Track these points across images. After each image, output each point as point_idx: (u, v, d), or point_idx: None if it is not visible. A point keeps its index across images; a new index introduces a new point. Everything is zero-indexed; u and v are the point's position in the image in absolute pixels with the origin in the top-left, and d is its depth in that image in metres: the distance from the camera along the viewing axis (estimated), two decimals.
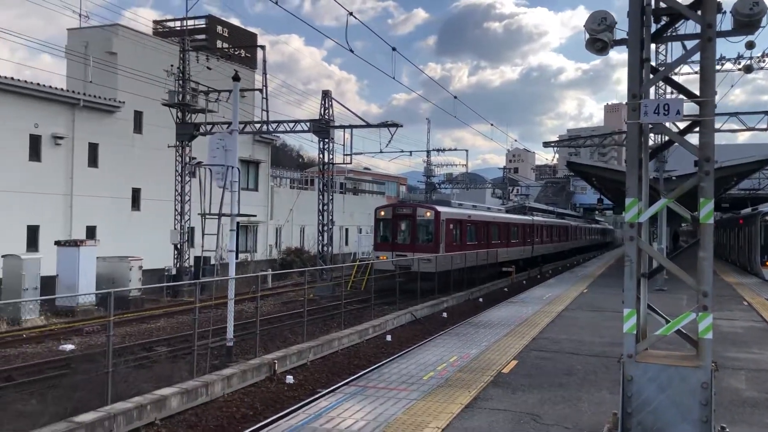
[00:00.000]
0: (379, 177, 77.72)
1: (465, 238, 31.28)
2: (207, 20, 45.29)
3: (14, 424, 9.24)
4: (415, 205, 30.33)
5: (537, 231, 46.36)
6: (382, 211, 29.81)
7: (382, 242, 29.34)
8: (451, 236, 29.49)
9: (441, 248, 27.94)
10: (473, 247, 31.67)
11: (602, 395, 9.28)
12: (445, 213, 28.99)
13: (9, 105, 26.80)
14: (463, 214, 31.94)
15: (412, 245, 28.03)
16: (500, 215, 39.42)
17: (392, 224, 29.12)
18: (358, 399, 9.00)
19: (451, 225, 29.37)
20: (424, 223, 28.57)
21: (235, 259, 14.70)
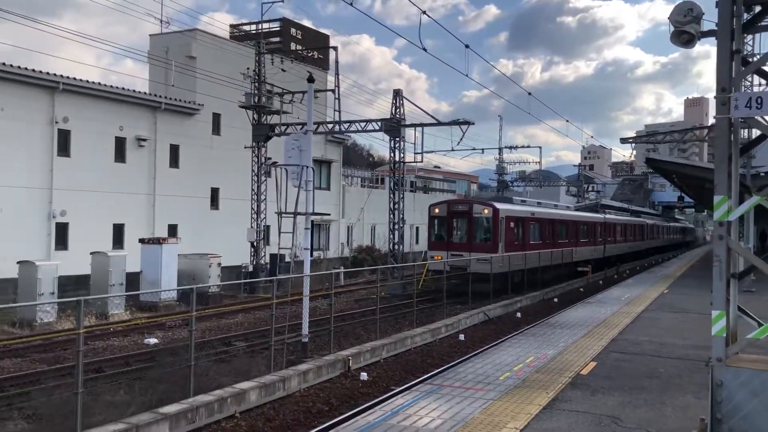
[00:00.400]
0: (450, 175, 77.34)
1: (528, 237, 29.58)
2: (281, 23, 46.22)
3: (105, 413, 9.67)
4: (472, 201, 28.98)
5: (609, 230, 43.81)
6: (437, 208, 28.30)
7: (436, 241, 27.97)
8: (512, 235, 27.85)
9: (500, 248, 26.34)
10: (537, 247, 29.80)
11: (687, 399, 8.95)
12: (504, 210, 27.41)
13: (96, 109, 28.12)
14: (526, 211, 30.13)
15: (469, 244, 26.65)
16: (568, 213, 37.24)
17: (447, 222, 27.69)
18: (434, 397, 8.99)
19: (511, 223, 27.74)
20: (481, 221, 27.02)
21: (310, 257, 14.94)
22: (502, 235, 26.76)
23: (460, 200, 31.15)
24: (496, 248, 26.25)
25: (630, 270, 44.74)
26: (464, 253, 25.82)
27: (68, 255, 25.60)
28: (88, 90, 27.63)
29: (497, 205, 27.52)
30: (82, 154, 27.46)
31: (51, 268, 20.13)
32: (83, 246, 25.18)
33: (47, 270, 19.87)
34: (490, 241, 26.62)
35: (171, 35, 34.61)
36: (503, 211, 27.18)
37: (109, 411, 9.80)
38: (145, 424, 8.90)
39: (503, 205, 28.16)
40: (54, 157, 26.46)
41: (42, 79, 25.76)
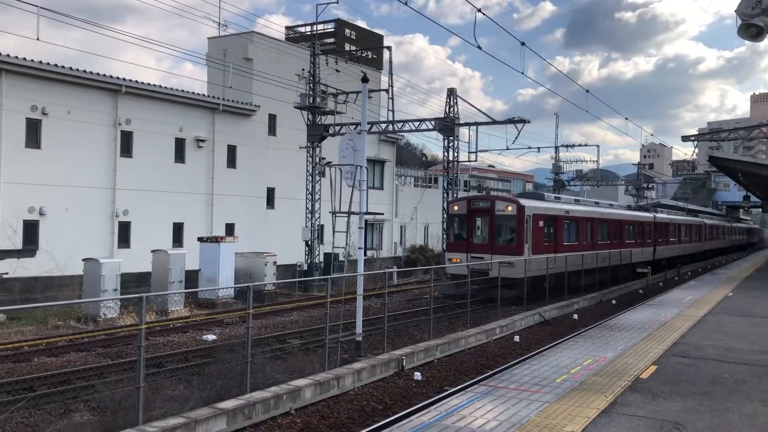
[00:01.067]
0: (505, 174, 76.59)
1: (561, 238, 26.81)
2: (335, 24, 46.59)
3: (165, 407, 9.92)
4: (494, 197, 26.11)
5: (661, 230, 40.44)
6: (456, 205, 25.59)
7: (456, 241, 25.31)
8: (541, 235, 25.24)
9: (526, 249, 23.81)
10: (572, 249, 26.97)
11: (754, 407, 8.61)
12: (531, 208, 24.64)
13: (157, 111, 28.93)
14: (558, 209, 27.17)
15: (491, 246, 24.05)
16: (610, 211, 33.66)
17: (467, 221, 24.98)
18: (489, 399, 8.90)
19: (540, 222, 25.11)
20: (504, 219, 24.32)
21: (363, 256, 14.99)
22: (528, 235, 24.22)
23: (480, 196, 27.88)
24: (520, 250, 23.64)
25: (691, 272, 43.41)
26: (485, 255, 23.57)
27: (130, 253, 26.43)
28: (149, 92, 28.44)
29: (522, 201, 24.79)
30: (144, 155, 28.29)
31: (114, 265, 20.79)
32: (144, 244, 25.97)
33: (110, 267, 20.52)
34: (514, 243, 23.97)
35: (228, 38, 35.31)
36: (529, 209, 24.53)
37: (168, 405, 10.05)
38: (204, 418, 9.08)
39: (530, 202, 25.39)
40: (117, 158, 27.34)
41: (106, 82, 26.64)
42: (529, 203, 24.96)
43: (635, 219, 36.23)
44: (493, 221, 24.38)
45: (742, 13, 6.55)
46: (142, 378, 8.86)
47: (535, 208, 25.04)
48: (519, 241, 23.90)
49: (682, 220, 46.91)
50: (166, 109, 29.43)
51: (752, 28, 6.52)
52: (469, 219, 25.00)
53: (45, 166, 24.86)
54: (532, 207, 24.83)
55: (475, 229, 25.13)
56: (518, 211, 24.01)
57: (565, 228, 27.49)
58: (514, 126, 30.17)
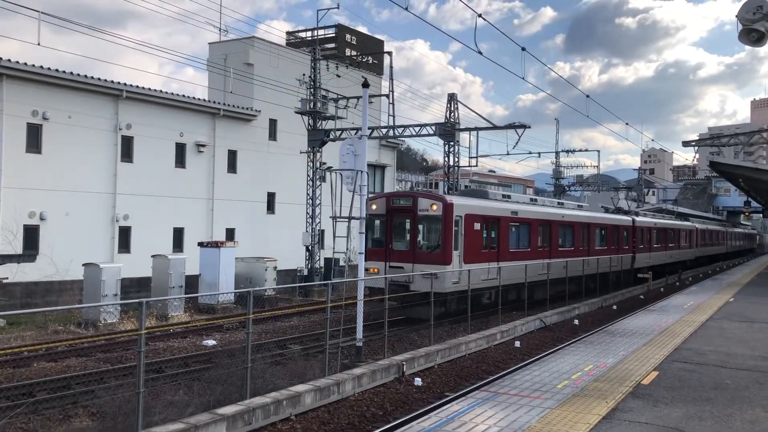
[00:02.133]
0: (505, 179, 76.61)
1: (506, 244, 22.62)
2: (336, 29, 46.66)
3: (165, 412, 9.89)
4: (417, 194, 21.47)
5: (642, 235, 36.38)
6: (374, 203, 21.04)
7: (374, 248, 20.65)
8: (477, 240, 21.03)
9: (455, 257, 19.84)
10: (523, 257, 23.12)
11: (756, 413, 8.57)
12: (463, 207, 20.50)
13: (158, 116, 28.95)
14: (502, 209, 22.70)
15: (412, 253, 20.04)
16: (574, 213, 29.15)
17: (387, 222, 20.76)
18: (490, 405, 8.86)
19: (476, 224, 20.96)
20: (428, 220, 20.31)
21: (364, 261, 14.97)
22: (459, 240, 20.13)
23: (402, 193, 23.62)
24: (447, 258, 19.60)
25: (693, 277, 43.37)
26: (406, 265, 19.84)
27: (130, 258, 26.42)
28: (150, 97, 28.47)
29: (452, 199, 20.51)
30: (144, 160, 28.29)
31: (114, 270, 20.77)
32: (145, 249, 25.94)
33: (111, 272, 20.50)
34: (439, 249, 19.82)
35: (229, 43, 35.35)
36: (460, 208, 20.34)
37: (168, 410, 10.01)
38: (204, 424, 9.05)
39: (462, 200, 21.39)
40: (117, 163, 27.34)
41: (106, 87, 26.66)
42: (460, 201, 21.00)
43: (608, 222, 32.34)
44: (416, 223, 20.54)
45: (743, 18, 6.54)
46: (141, 383, 8.82)
47: (468, 207, 20.90)
48: (445, 247, 19.73)
49: (668, 224, 43.07)
50: (167, 114, 29.45)
51: (753, 33, 6.51)
52: (389, 220, 20.77)
53: (46, 171, 24.86)
54: (463, 206, 20.76)
55: (396, 233, 20.98)
56: (445, 210, 19.80)
57: (513, 232, 23.36)
58: (515, 131, 30.16)
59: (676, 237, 43.51)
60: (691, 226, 49.09)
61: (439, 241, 19.97)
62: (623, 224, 33.98)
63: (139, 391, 8.74)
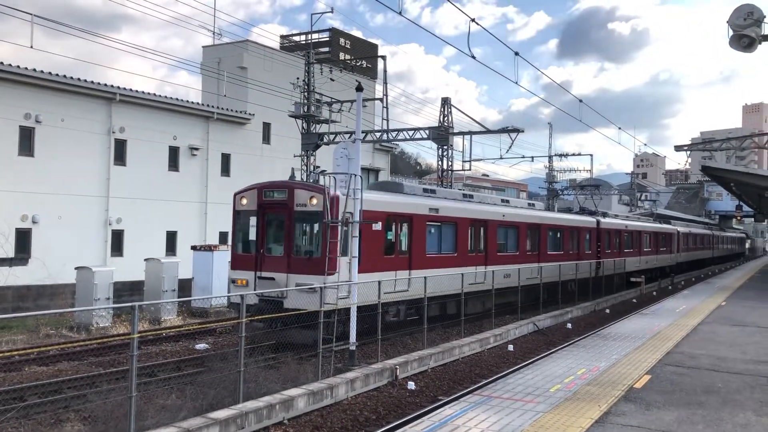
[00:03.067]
0: (499, 183, 76.78)
1: (421, 247, 18.73)
2: (330, 33, 46.73)
3: (157, 417, 9.86)
4: (294, 185, 16.75)
5: (609, 238, 32.63)
6: (244, 197, 17.35)
7: (243, 254, 17.05)
8: (377, 242, 17.02)
9: (342, 265, 15.54)
10: (447, 263, 19.43)
11: (747, 417, 8.61)
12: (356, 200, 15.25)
13: (151, 119, 28.91)
14: (413, 205, 18.64)
15: (287, 259, 15.93)
16: (519, 212, 24.63)
17: (259, 221, 16.82)
18: (483, 409, 8.87)
19: (377, 223, 16.93)
20: (307, 218, 16.17)
21: (357, 265, 14.97)
22: (350, 242, 15.44)
23: (276, 184, 17.74)
24: (329, 265, 15.23)
25: (685, 281, 43.55)
26: (279, 275, 15.88)
27: (123, 261, 26.34)
28: (143, 101, 28.43)
29: (336, 192, 15.58)
30: (138, 163, 28.23)
31: (107, 273, 20.69)
32: (137, 252, 25.86)
33: (103, 276, 20.42)
34: (318, 255, 15.62)
35: (223, 47, 35.35)
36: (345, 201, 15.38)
37: (161, 414, 9.98)
38: (196, 428, 9.02)
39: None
40: (111, 166, 27.28)
41: (100, 90, 26.61)
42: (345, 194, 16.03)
43: (564, 224, 28.37)
44: (292, 221, 16.18)
45: (734, 23, 6.60)
46: (134, 387, 8.80)
47: (365, 201, 15.76)
48: (323, 253, 15.33)
49: (642, 226, 39.16)
50: (160, 118, 29.41)
51: (744, 38, 6.58)
52: (261, 218, 16.81)
53: (38, 174, 24.76)
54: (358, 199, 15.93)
55: (269, 235, 16.94)
56: (328, 204, 15.34)
57: (432, 233, 19.43)
58: (508, 135, 30.27)
59: (652, 241, 40.15)
60: (671, 229, 45.75)
61: (320, 244, 15.66)
62: (585, 226, 30.30)
63: (132, 395, 8.71)
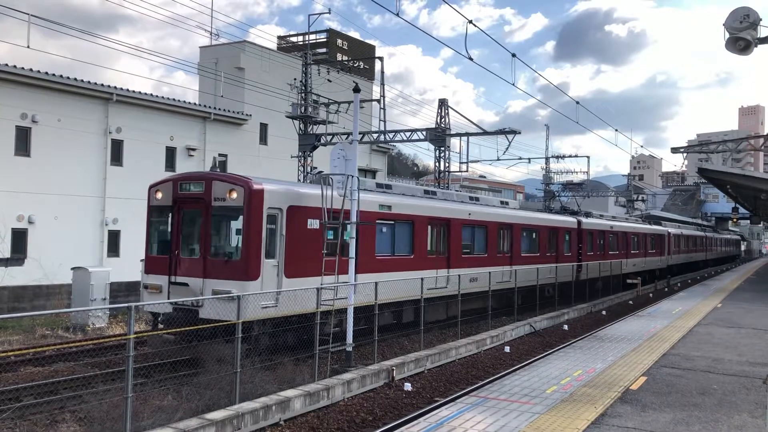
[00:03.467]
0: (496, 185, 76.86)
1: (369, 248, 16.80)
2: (328, 34, 46.75)
3: (153, 417, 9.85)
4: (212, 176, 14.49)
5: (593, 240, 30.99)
6: (159, 190, 14.97)
7: (158, 255, 14.84)
8: (312, 243, 14.72)
9: (266, 269, 13.71)
10: (400, 266, 17.69)
11: (743, 418, 8.63)
12: (283, 195, 14.30)
13: (148, 120, 28.87)
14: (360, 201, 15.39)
15: (203, 262, 13.87)
16: (489, 210, 22.95)
17: (174, 218, 14.63)
18: (479, 410, 8.88)
19: (311, 221, 14.82)
20: (226, 215, 14.21)
21: (354, 265, 14.96)
22: (277, 243, 14.03)
23: (192, 175, 15.71)
24: (249, 270, 13.47)
25: (681, 283, 43.63)
26: (192, 280, 13.87)
27: (120, 262, 26.29)
28: (140, 101, 28.40)
29: (260, 183, 13.91)
30: (134, 164, 28.19)
31: (103, 274, 20.64)
32: (134, 253, 25.75)
33: (99, 276, 20.37)
34: (238, 257, 13.79)
35: (220, 47, 35.33)
36: (279, 197, 14.17)
37: (157, 415, 9.97)
38: (192, 429, 9.02)
39: (283, 186, 14.86)
40: (107, 166, 27.24)
41: (96, 90, 26.57)
42: (279, 187, 14.57)
43: (541, 223, 26.41)
44: (209, 218, 14.12)
45: (730, 26, 6.61)
46: (130, 388, 8.79)
47: (296, 195, 14.64)
48: (248, 254, 13.55)
49: (629, 227, 37.21)
50: (157, 118, 29.38)
51: (740, 41, 6.59)
52: (176, 214, 14.62)
53: (34, 174, 24.71)
54: (286, 193, 14.48)
55: (185, 233, 14.66)
56: (249, 199, 13.58)
57: (384, 233, 17.45)
58: (505, 137, 30.32)
59: (641, 243, 38.47)
60: (661, 230, 44.06)
61: (239, 244, 13.92)
62: (565, 226, 28.50)
63: (128, 396, 8.70)
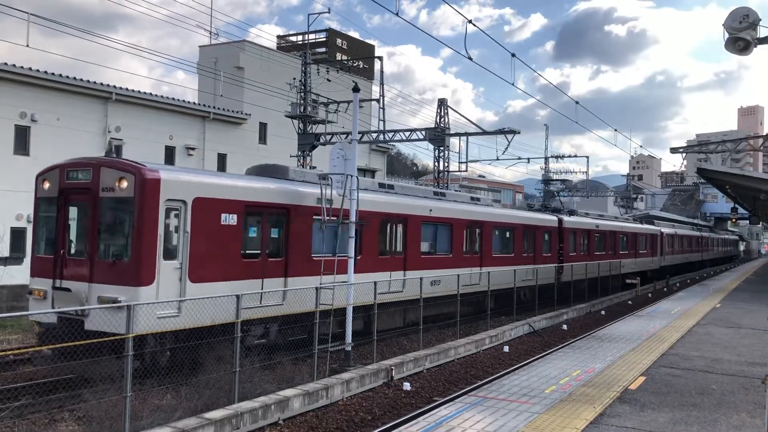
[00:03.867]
0: (495, 185, 76.87)
1: (303, 247, 14.82)
2: (327, 34, 46.74)
3: (152, 417, 9.85)
4: (101, 162, 12.45)
5: (574, 239, 29.12)
6: (46, 179, 13.34)
7: (45, 255, 12.86)
8: (225, 242, 12.91)
9: (162, 272, 11.75)
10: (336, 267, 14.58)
11: (741, 418, 8.64)
12: (185, 185, 12.31)
13: (147, 119, 28.85)
14: (288, 193, 14.49)
15: (89, 263, 12.00)
16: (453, 207, 21.02)
17: (60, 211, 12.74)
18: (478, 410, 8.88)
19: (225, 215, 12.92)
20: (114, 206, 12.16)
21: (353, 265, 14.96)
22: (181, 241, 12.18)
23: (79, 162, 12.98)
24: (140, 273, 11.51)
25: (680, 283, 43.67)
26: (77, 285, 12.11)
27: None
28: (139, 100, 28.38)
29: (155, 171, 11.95)
30: None
31: None
32: None
33: None
34: (127, 258, 11.73)
35: (220, 46, 35.32)
36: (180, 187, 12.16)
37: (156, 415, 9.97)
38: (191, 428, 9.01)
39: (184, 174, 12.81)
40: None
41: (95, 89, 26.56)
42: (180, 176, 12.47)
43: (515, 221, 24.64)
44: (96, 212, 12.18)
45: (730, 26, 6.61)
46: (129, 388, 8.79)
47: (204, 186, 12.70)
48: (140, 255, 11.57)
49: (617, 226, 35.33)
50: (156, 117, 29.36)
51: (740, 41, 6.59)
52: (63, 207, 12.76)
53: (33, 174, 24.62)
54: (189, 183, 12.44)
55: (72, 229, 12.87)
56: (140, 189, 11.70)
57: (323, 231, 15.10)
58: (505, 137, 30.34)
59: (631, 243, 36.82)
60: (653, 229, 42.50)
61: (129, 243, 11.76)
62: (543, 225, 26.74)
63: (127, 395, 8.71)
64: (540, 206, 33.28)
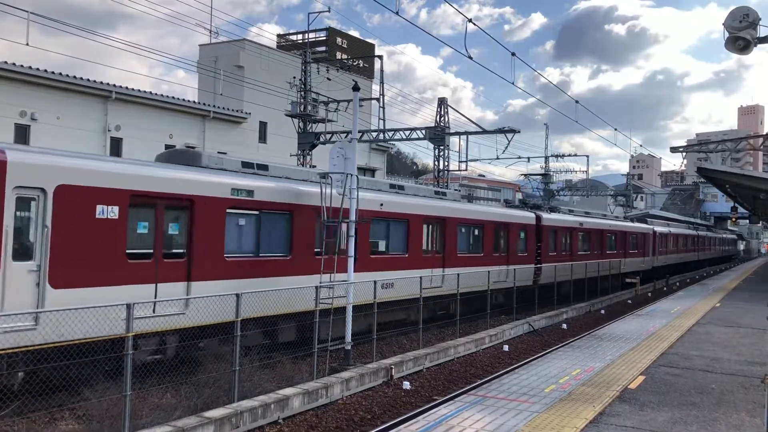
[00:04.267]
0: (495, 184, 76.88)
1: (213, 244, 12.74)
2: (327, 33, 46.72)
3: (152, 415, 9.86)
4: None
5: (554, 238, 27.53)
6: None
7: None
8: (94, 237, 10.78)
9: (2, 272, 9.78)
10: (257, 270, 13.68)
11: (741, 417, 8.64)
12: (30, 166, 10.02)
13: (147, 117, 28.85)
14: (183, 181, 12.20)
15: None
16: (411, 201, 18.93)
17: None
18: (478, 409, 8.89)
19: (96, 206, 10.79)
20: None
21: (353, 264, 14.96)
22: (38, 238, 10.22)
23: None
24: None
25: (680, 282, 43.69)
26: None
27: None
28: (139, 99, 28.38)
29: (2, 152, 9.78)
30: None
31: None
32: None
33: None
34: None
35: (220, 45, 35.32)
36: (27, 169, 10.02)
37: (155, 413, 9.98)
38: (191, 427, 9.02)
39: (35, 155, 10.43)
40: None
41: (96, 88, 26.56)
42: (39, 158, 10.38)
43: (484, 218, 22.45)
44: None
45: (730, 26, 6.61)
46: (129, 386, 8.80)
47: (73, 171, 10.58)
48: None
49: (603, 224, 33.70)
50: (156, 116, 29.37)
51: (740, 41, 6.59)
52: None
53: None
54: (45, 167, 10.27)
55: None
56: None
57: (238, 227, 13.51)
58: (505, 136, 30.31)
59: (620, 242, 35.07)
60: (645, 228, 40.57)
61: None
62: (518, 222, 24.59)
63: (126, 394, 8.72)
64: (519, 202, 31.56)
